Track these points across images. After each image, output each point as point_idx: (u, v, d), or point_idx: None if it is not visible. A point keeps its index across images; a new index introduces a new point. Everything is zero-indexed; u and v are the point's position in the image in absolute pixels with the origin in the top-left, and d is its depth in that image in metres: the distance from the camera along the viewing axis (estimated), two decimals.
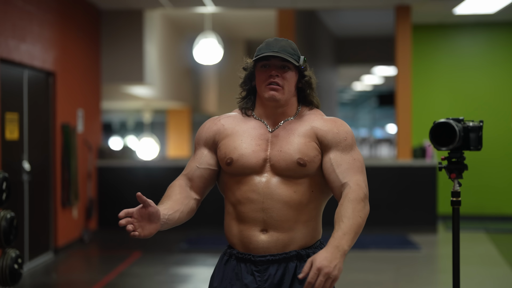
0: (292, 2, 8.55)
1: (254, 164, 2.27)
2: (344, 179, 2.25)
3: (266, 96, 2.30)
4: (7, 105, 6.32)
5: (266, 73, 2.30)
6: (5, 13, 6.22)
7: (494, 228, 9.24)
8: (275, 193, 2.26)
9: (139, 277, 6.39)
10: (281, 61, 2.29)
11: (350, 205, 2.18)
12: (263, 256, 2.27)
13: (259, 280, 2.27)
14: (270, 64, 2.29)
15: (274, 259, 2.27)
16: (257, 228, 2.27)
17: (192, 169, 2.38)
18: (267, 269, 2.27)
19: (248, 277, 2.28)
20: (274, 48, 2.28)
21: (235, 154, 2.29)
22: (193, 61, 10.51)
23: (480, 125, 3.40)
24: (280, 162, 2.26)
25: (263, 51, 2.29)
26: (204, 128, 2.41)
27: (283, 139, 2.30)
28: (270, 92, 2.29)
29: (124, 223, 2.17)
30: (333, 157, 2.28)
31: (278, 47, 2.28)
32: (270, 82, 2.28)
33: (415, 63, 10.12)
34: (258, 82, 2.32)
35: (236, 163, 2.28)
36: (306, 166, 2.26)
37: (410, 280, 6.34)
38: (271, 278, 2.27)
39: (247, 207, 2.27)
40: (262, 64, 2.30)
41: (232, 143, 2.31)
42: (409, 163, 8.82)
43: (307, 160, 2.26)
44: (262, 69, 2.31)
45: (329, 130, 2.31)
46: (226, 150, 2.31)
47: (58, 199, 7.55)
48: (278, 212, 2.25)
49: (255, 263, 2.28)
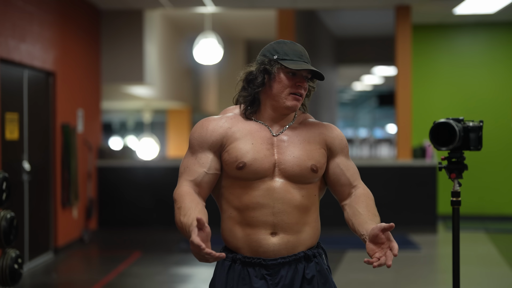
0: (292, 2, 8.55)
1: (267, 169, 2.25)
2: (354, 182, 2.38)
3: (287, 104, 2.27)
4: (7, 105, 6.32)
5: (293, 81, 2.27)
6: (5, 13, 6.23)
7: (494, 228, 9.24)
8: (286, 198, 2.25)
9: (139, 277, 6.39)
10: (308, 73, 2.29)
11: (372, 204, 2.35)
12: (274, 259, 2.26)
13: (271, 284, 2.26)
14: (298, 73, 2.28)
15: (285, 261, 2.26)
16: (267, 231, 2.25)
17: (199, 174, 2.28)
18: (279, 272, 2.26)
19: (258, 282, 2.26)
20: (304, 58, 2.28)
21: (247, 158, 2.24)
22: (193, 61, 10.51)
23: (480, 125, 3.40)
24: (294, 167, 2.25)
25: (293, 57, 2.27)
26: (207, 130, 2.31)
27: (293, 145, 2.29)
28: (294, 101, 2.27)
29: (214, 254, 2.02)
30: (340, 162, 2.36)
31: (306, 58, 2.29)
32: (297, 92, 2.28)
33: (415, 63, 10.12)
34: (279, 87, 2.28)
35: (249, 168, 2.24)
36: (318, 172, 2.29)
37: (410, 280, 6.34)
38: (283, 281, 2.26)
39: (257, 211, 2.24)
40: (291, 71, 2.28)
41: (243, 147, 2.26)
42: (409, 163, 8.82)
43: (319, 166, 2.29)
44: (288, 75, 2.28)
45: (336, 137, 2.37)
46: (237, 154, 2.25)
47: (58, 199, 7.55)
48: (289, 216, 2.25)
49: (266, 266, 2.26)
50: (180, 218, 2.16)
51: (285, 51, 2.28)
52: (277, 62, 2.27)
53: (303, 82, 2.28)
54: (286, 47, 2.29)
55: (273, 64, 2.28)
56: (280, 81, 2.27)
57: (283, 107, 2.28)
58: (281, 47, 2.29)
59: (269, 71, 2.28)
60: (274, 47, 2.30)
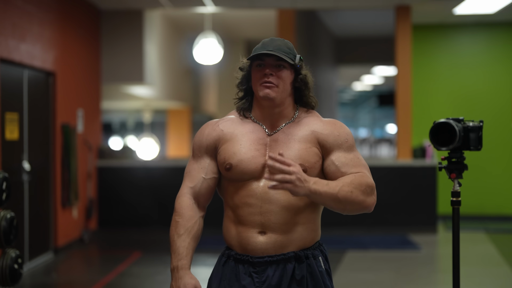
0: (292, 2, 8.56)
1: (253, 170, 2.27)
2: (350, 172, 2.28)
3: (261, 95, 2.29)
4: (7, 105, 6.32)
5: (261, 72, 2.30)
6: (5, 13, 6.22)
7: (494, 228, 9.24)
8: (273, 198, 2.26)
9: (139, 277, 6.39)
10: (276, 60, 2.29)
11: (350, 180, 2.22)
12: (261, 257, 2.27)
13: (257, 282, 2.27)
14: (265, 63, 2.29)
15: (272, 260, 2.27)
16: (255, 230, 2.27)
17: (198, 180, 2.36)
18: (265, 271, 2.27)
19: (246, 279, 2.28)
20: (269, 47, 2.28)
21: (234, 159, 2.28)
22: (193, 61, 10.50)
23: (480, 125, 3.40)
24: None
25: (259, 50, 2.29)
26: (204, 134, 2.39)
27: (283, 144, 2.29)
28: (265, 90, 2.28)
29: None
30: (336, 159, 2.29)
31: (273, 46, 2.28)
32: (264, 81, 2.28)
33: (415, 63, 10.12)
34: (253, 81, 2.32)
35: (236, 169, 2.28)
36: (307, 172, 2.25)
37: (410, 280, 6.34)
38: (269, 280, 2.27)
39: (245, 211, 2.27)
40: (257, 64, 2.31)
41: (231, 148, 2.30)
42: (409, 163, 8.82)
43: (307, 166, 2.26)
44: (257, 68, 2.31)
45: (330, 133, 2.32)
46: (226, 155, 2.30)
47: (58, 199, 7.55)
48: (276, 216, 2.26)
49: (253, 264, 2.28)
50: (174, 236, 2.31)
51: (256, 48, 2.33)
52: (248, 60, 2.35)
53: (272, 70, 2.28)
54: (259, 45, 2.34)
55: (246, 63, 2.37)
56: (253, 76, 2.33)
57: (260, 98, 2.31)
58: (256, 46, 2.35)
59: (242, 68, 2.37)
60: (254, 48, 2.36)
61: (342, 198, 2.19)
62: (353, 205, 2.22)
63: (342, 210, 2.23)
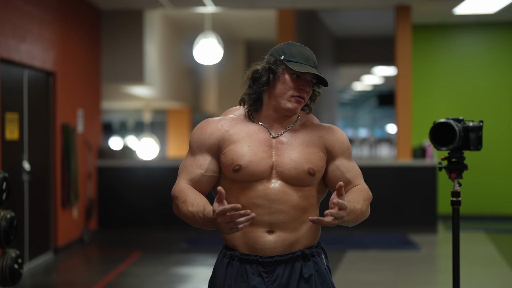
0: (292, 2, 8.56)
1: (263, 171, 2.27)
2: (355, 182, 2.37)
3: (288, 106, 2.28)
4: (7, 105, 6.32)
5: (296, 83, 2.28)
6: (5, 13, 6.23)
7: (494, 228, 9.24)
8: (282, 199, 2.26)
9: (139, 277, 6.39)
10: (312, 78, 2.30)
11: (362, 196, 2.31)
12: (270, 257, 2.28)
13: (267, 281, 2.28)
14: (303, 77, 2.29)
15: (282, 259, 2.28)
16: (264, 229, 2.27)
17: (196, 175, 2.32)
18: (275, 270, 2.28)
19: (256, 279, 2.28)
20: (310, 62, 2.29)
21: (243, 161, 2.26)
22: (193, 61, 10.51)
23: (480, 125, 3.40)
24: (291, 170, 2.26)
25: (299, 60, 2.27)
26: (206, 133, 2.34)
27: (291, 148, 2.30)
28: (295, 104, 2.28)
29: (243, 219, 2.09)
30: (340, 164, 2.36)
31: (313, 63, 2.29)
32: (299, 95, 2.28)
33: (415, 63, 10.12)
34: (282, 88, 2.28)
35: (245, 170, 2.26)
36: (315, 175, 2.29)
37: (410, 280, 6.34)
38: (279, 279, 2.28)
39: (253, 211, 2.25)
40: (294, 73, 2.28)
41: (239, 149, 2.28)
42: (409, 163, 8.82)
43: (316, 170, 2.29)
44: (292, 77, 2.28)
45: (336, 140, 2.36)
46: (233, 156, 2.28)
47: (58, 199, 7.55)
48: (286, 215, 2.27)
49: (262, 264, 2.28)
50: (189, 208, 2.23)
51: (292, 53, 2.28)
52: (283, 62, 2.28)
53: (307, 85, 2.29)
54: (294, 49, 2.30)
55: (279, 65, 2.29)
56: (284, 82, 2.28)
57: (284, 109, 2.29)
58: (289, 48, 2.30)
59: (274, 71, 2.29)
60: (283, 48, 2.31)
61: (360, 219, 2.32)
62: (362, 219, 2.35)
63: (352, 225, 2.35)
